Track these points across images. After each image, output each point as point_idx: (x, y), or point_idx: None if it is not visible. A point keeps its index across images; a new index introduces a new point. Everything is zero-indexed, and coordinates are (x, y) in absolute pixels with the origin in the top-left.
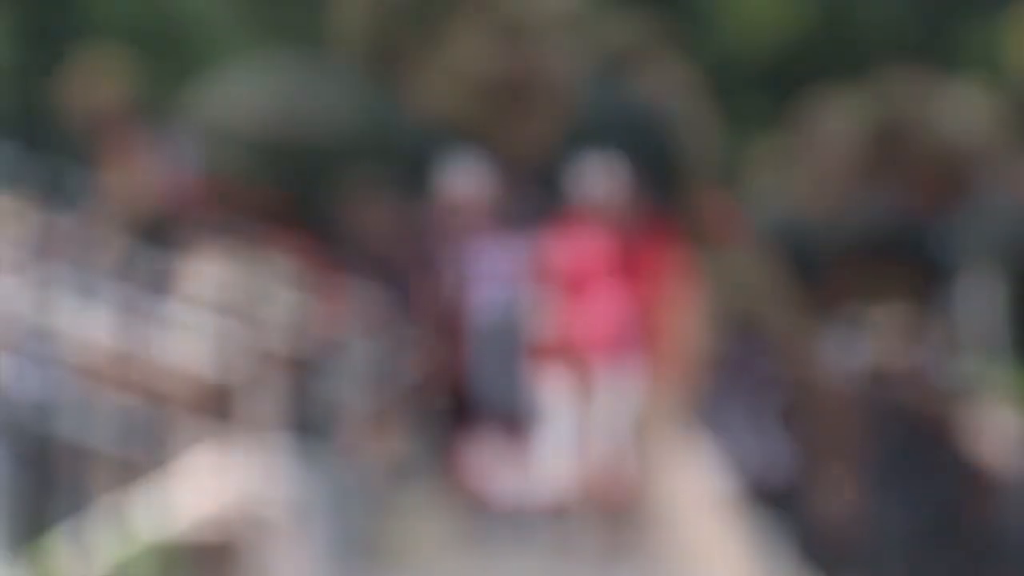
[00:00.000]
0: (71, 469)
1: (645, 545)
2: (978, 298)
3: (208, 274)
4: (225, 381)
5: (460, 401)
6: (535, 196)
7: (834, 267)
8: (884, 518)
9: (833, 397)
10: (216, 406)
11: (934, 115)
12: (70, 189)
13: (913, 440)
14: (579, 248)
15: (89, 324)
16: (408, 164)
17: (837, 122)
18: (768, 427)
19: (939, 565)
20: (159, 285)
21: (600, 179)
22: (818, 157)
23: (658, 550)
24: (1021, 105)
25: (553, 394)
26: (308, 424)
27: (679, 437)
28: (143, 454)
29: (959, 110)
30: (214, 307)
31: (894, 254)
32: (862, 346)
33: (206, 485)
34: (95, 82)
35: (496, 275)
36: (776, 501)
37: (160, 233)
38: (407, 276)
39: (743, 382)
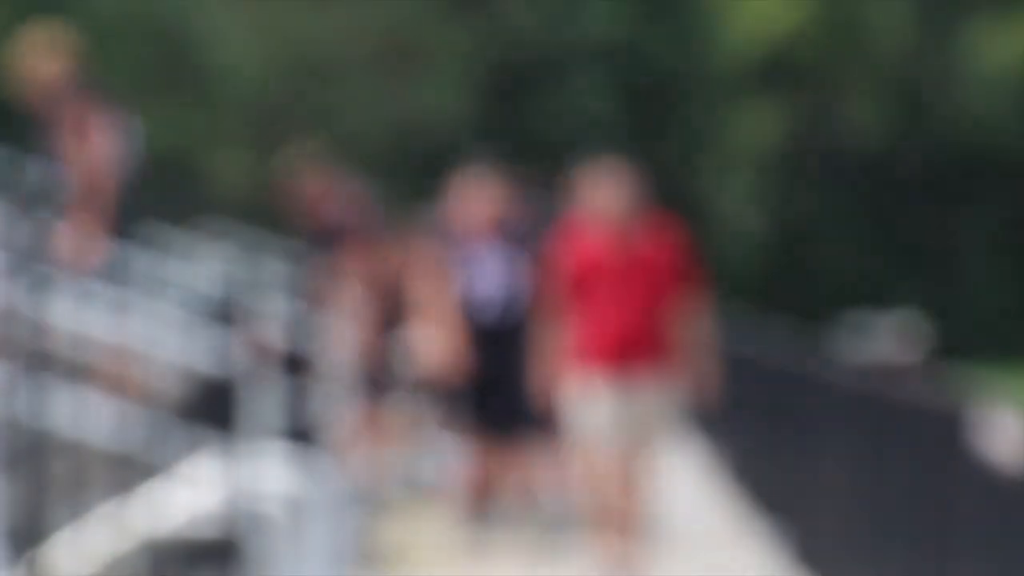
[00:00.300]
0: (69, 468)
1: (649, 549)
2: (980, 298)
3: (206, 274)
4: (223, 379)
5: (460, 401)
6: (541, 199)
7: (838, 267)
8: (885, 515)
9: (832, 393)
10: (214, 404)
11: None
12: (60, 190)
13: (917, 437)
14: (587, 251)
15: (86, 324)
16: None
17: (838, 123)
18: (768, 426)
19: (941, 563)
20: (155, 284)
21: (606, 182)
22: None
23: (661, 553)
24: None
25: (560, 396)
26: (305, 423)
27: (685, 438)
28: (141, 452)
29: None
30: (212, 306)
31: (895, 255)
32: (867, 346)
33: (204, 482)
34: (39, 58)
35: (496, 275)
36: (778, 500)
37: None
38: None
39: (744, 382)
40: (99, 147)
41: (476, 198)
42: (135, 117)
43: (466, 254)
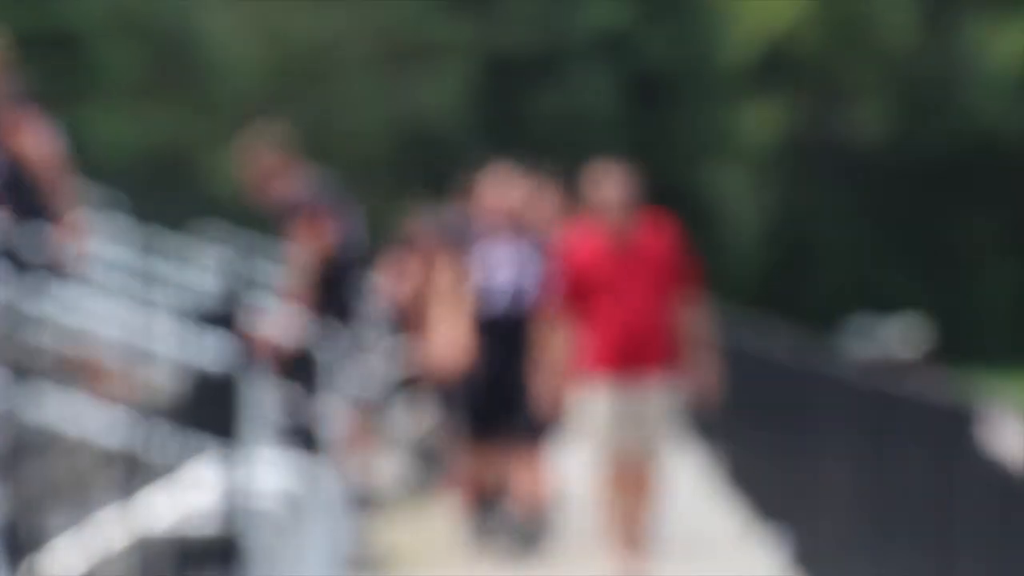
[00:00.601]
0: (67, 467)
1: (652, 552)
2: (985, 300)
3: (202, 274)
4: (219, 378)
5: (461, 399)
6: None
7: (840, 269)
8: (887, 515)
9: (832, 391)
10: (211, 403)
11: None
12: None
13: (919, 435)
14: (586, 250)
15: (86, 320)
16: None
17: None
18: (768, 425)
19: (943, 563)
20: (151, 283)
21: (605, 181)
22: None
23: (662, 556)
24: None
25: (564, 397)
26: (303, 422)
27: (685, 438)
28: (138, 451)
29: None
30: (209, 305)
31: (896, 255)
32: (869, 349)
33: (202, 481)
34: None
35: (507, 270)
36: (778, 501)
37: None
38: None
39: (744, 381)
40: (39, 148)
41: (492, 193)
42: (57, 121)
43: (480, 248)
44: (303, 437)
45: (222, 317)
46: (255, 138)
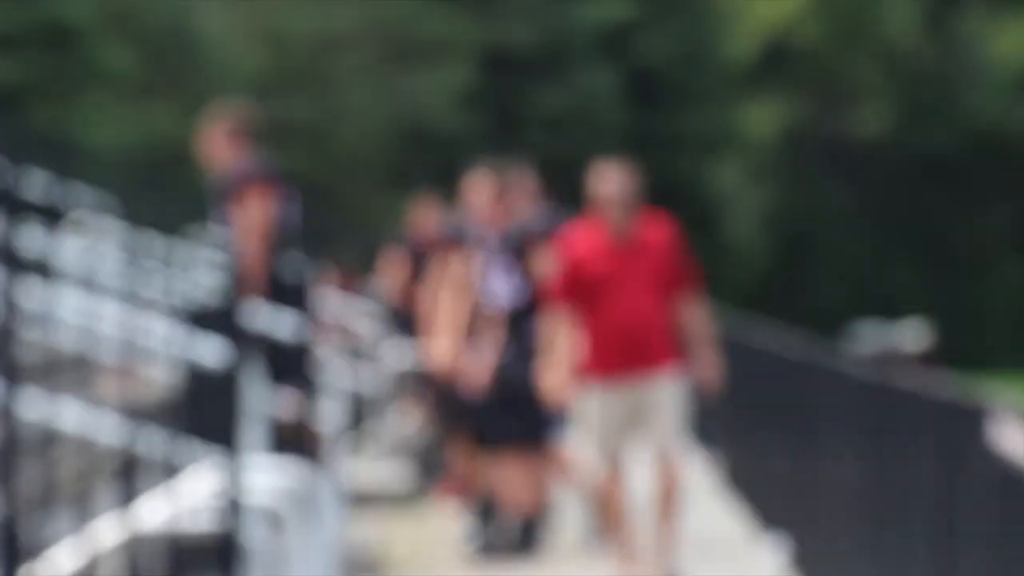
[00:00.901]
0: (67, 465)
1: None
2: (991, 302)
3: (198, 272)
4: (213, 377)
5: (458, 401)
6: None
7: (842, 272)
8: (888, 514)
9: (834, 388)
10: (203, 402)
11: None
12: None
13: (922, 432)
14: (586, 248)
15: (86, 316)
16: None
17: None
18: (768, 423)
19: (945, 562)
20: (145, 283)
21: (605, 179)
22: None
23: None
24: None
25: (565, 397)
26: (298, 421)
27: (686, 436)
28: (138, 448)
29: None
30: (208, 300)
31: (895, 253)
32: (873, 348)
33: (196, 480)
34: None
35: (505, 272)
36: (779, 503)
37: None
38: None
39: (744, 379)
40: None
41: (491, 195)
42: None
43: (481, 248)
44: (298, 435)
45: (220, 315)
46: (216, 114)
